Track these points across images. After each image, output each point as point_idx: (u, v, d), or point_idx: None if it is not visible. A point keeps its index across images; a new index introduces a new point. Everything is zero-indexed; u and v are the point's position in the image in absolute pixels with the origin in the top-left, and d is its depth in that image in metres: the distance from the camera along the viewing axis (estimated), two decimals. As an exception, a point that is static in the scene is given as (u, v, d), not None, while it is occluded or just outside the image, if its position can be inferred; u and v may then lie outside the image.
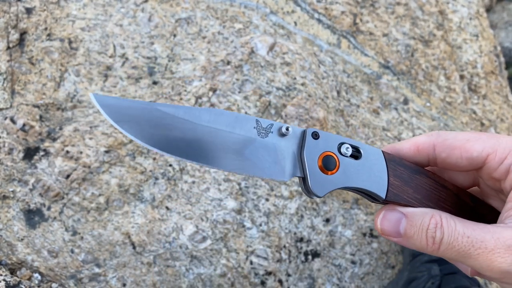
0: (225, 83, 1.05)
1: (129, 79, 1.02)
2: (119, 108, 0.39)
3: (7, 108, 0.95)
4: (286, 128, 0.42)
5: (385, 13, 1.31)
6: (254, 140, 0.42)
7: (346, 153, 0.43)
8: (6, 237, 0.89)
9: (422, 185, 0.45)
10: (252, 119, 0.42)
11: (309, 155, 0.42)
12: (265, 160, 0.42)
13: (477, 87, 1.36)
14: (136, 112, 0.39)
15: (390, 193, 0.44)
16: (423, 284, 0.94)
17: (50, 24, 1.04)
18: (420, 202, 0.45)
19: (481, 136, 0.44)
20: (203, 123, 0.41)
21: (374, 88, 1.22)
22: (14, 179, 0.91)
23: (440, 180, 0.46)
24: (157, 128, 0.39)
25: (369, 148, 0.45)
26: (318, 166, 0.42)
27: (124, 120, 0.39)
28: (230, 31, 1.12)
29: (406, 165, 0.45)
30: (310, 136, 0.43)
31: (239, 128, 0.42)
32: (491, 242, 0.38)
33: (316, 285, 1.00)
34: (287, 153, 0.42)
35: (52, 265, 0.89)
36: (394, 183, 0.44)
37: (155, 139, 0.39)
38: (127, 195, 0.95)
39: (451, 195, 0.46)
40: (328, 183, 0.42)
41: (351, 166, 0.43)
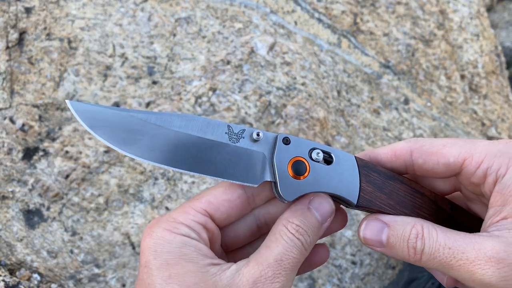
0: (225, 83, 1.05)
1: (128, 78, 1.02)
2: (94, 114, 0.41)
3: (6, 108, 0.95)
4: (257, 134, 0.43)
5: (386, 12, 1.31)
6: (226, 145, 0.42)
7: (317, 158, 0.43)
8: (5, 238, 0.88)
9: (396, 191, 0.45)
10: (224, 124, 0.43)
11: (280, 160, 0.42)
12: (236, 165, 0.42)
13: (478, 87, 1.35)
14: (109, 118, 0.41)
15: (361, 198, 0.44)
16: (423, 284, 0.94)
17: (49, 24, 1.03)
18: (394, 208, 0.44)
19: (457, 141, 0.44)
20: (175, 128, 0.42)
21: (375, 88, 1.21)
22: (13, 179, 0.91)
23: (416, 186, 0.46)
24: (130, 133, 0.41)
25: (341, 154, 0.45)
26: (288, 171, 0.42)
27: (98, 126, 0.40)
28: (230, 30, 1.11)
29: (380, 171, 0.45)
30: (281, 141, 0.43)
31: (210, 133, 0.42)
32: (472, 253, 0.37)
33: (316, 285, 0.99)
34: (258, 158, 0.43)
35: (51, 265, 0.89)
36: (366, 189, 0.44)
37: (127, 144, 0.40)
38: (127, 195, 0.95)
39: (428, 202, 0.46)
40: (298, 187, 0.42)
41: (322, 171, 0.43)
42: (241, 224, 0.47)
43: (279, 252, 0.39)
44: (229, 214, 0.44)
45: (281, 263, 0.39)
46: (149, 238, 0.40)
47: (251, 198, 0.45)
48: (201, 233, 0.41)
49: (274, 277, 0.38)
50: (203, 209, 0.42)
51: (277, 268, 0.39)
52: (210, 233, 0.43)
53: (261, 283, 0.38)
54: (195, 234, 0.41)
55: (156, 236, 0.40)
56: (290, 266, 0.40)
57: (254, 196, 0.45)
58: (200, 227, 0.41)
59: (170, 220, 0.41)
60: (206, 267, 0.39)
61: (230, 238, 0.47)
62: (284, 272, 0.39)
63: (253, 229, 0.47)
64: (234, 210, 0.44)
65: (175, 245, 0.39)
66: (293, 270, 0.40)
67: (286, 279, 0.39)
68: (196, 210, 0.42)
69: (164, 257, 0.39)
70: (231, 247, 0.48)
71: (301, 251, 0.41)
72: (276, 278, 0.38)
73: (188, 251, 0.39)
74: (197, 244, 0.40)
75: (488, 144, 0.42)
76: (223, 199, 0.43)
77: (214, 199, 0.43)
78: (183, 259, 0.38)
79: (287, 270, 0.39)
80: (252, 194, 0.45)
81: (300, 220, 0.41)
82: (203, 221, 0.42)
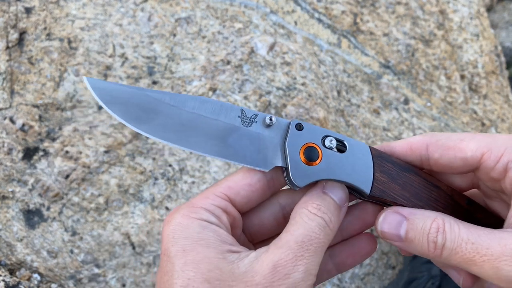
0: (225, 83, 1.05)
1: (128, 79, 1.02)
2: (109, 91, 0.41)
3: (6, 108, 0.95)
4: (269, 119, 0.43)
5: (386, 12, 1.31)
6: (238, 129, 0.42)
7: (330, 145, 0.43)
8: (6, 238, 0.88)
9: (411, 183, 0.44)
10: (237, 108, 0.43)
11: (292, 145, 0.42)
12: (247, 149, 0.42)
13: (477, 87, 1.35)
14: (125, 95, 0.41)
15: (375, 188, 0.43)
16: (423, 284, 0.94)
17: (49, 24, 1.03)
18: (408, 200, 0.43)
19: (475, 135, 0.42)
20: (188, 109, 0.42)
21: (375, 88, 1.21)
22: (14, 179, 0.91)
23: (432, 179, 0.45)
24: (144, 111, 0.41)
25: (355, 143, 0.44)
26: (300, 157, 0.42)
27: (113, 102, 0.41)
28: (230, 30, 1.11)
29: (395, 161, 0.44)
30: (294, 127, 0.43)
31: (223, 116, 0.42)
32: (497, 249, 0.36)
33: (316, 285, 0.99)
34: (271, 143, 0.43)
35: (51, 265, 0.89)
36: (380, 179, 0.43)
37: (141, 122, 0.41)
38: (127, 195, 0.95)
39: (444, 196, 0.45)
40: (309, 174, 0.42)
41: (335, 158, 0.43)
42: (266, 212, 0.45)
43: (300, 233, 0.38)
44: (250, 198, 0.43)
45: (303, 245, 0.37)
46: (167, 225, 0.39)
47: (271, 182, 0.44)
48: (221, 216, 0.40)
49: (296, 260, 0.36)
50: (223, 193, 0.42)
51: (299, 250, 0.37)
52: (231, 217, 0.42)
53: (281, 267, 0.36)
54: (214, 218, 0.40)
55: (175, 222, 0.39)
56: (314, 248, 0.38)
57: (273, 180, 0.44)
58: (220, 211, 0.40)
59: (189, 205, 0.40)
60: (224, 254, 0.37)
61: (255, 226, 0.45)
62: (307, 253, 0.37)
63: (279, 218, 0.46)
64: (255, 194, 0.43)
65: (193, 230, 0.38)
66: (317, 252, 0.38)
67: (309, 261, 0.37)
68: (215, 195, 0.41)
69: (181, 243, 0.37)
70: (257, 237, 0.46)
71: (325, 231, 0.39)
72: (298, 260, 0.36)
73: (206, 236, 0.38)
74: (217, 229, 0.39)
75: (508, 138, 0.41)
76: (243, 183, 0.42)
77: (234, 184, 0.42)
78: (200, 244, 0.37)
79: (310, 251, 0.37)
80: (272, 178, 0.44)
81: (320, 201, 0.41)
82: (223, 205, 0.41)
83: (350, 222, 0.46)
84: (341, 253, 0.47)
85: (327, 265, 0.47)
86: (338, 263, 0.47)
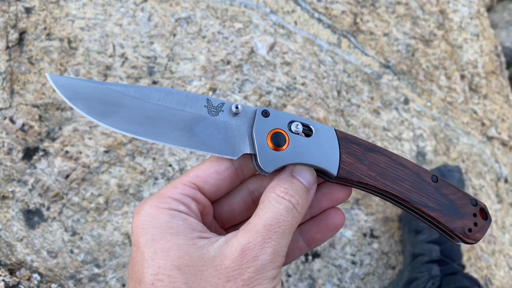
0: (225, 83, 1.05)
1: (128, 78, 1.02)
2: (73, 86, 0.42)
3: (7, 108, 0.95)
4: (235, 107, 0.43)
5: (386, 12, 1.31)
6: (204, 118, 0.43)
7: (296, 130, 0.44)
8: (6, 238, 0.88)
9: (377, 162, 0.45)
10: (203, 98, 0.43)
11: (259, 132, 0.43)
12: (215, 138, 0.43)
13: (477, 87, 1.35)
14: (88, 90, 0.42)
15: (342, 170, 0.44)
16: (424, 284, 0.94)
17: (49, 24, 1.03)
18: (375, 179, 0.45)
19: None
20: (153, 101, 0.42)
21: (375, 88, 1.21)
22: (14, 179, 0.91)
23: (397, 158, 0.46)
24: (108, 105, 0.41)
25: (320, 126, 0.45)
26: (267, 143, 0.43)
27: (76, 97, 0.41)
28: (230, 30, 1.11)
29: (360, 142, 0.45)
30: (260, 114, 0.43)
31: (189, 107, 0.43)
32: None
33: (316, 285, 0.99)
34: (238, 131, 0.43)
35: (51, 265, 0.89)
36: (347, 160, 0.44)
37: (105, 116, 0.41)
38: (127, 195, 0.95)
39: (410, 174, 0.46)
40: (277, 159, 0.42)
41: (302, 143, 0.43)
42: (236, 197, 0.46)
43: (268, 217, 0.39)
44: (219, 186, 0.44)
45: (271, 228, 0.38)
46: (137, 217, 0.40)
47: (239, 170, 0.45)
48: (190, 205, 0.41)
49: (263, 242, 0.37)
50: (191, 182, 0.42)
51: (267, 233, 0.38)
52: (201, 205, 0.42)
53: (249, 250, 0.37)
54: (183, 207, 0.40)
55: (144, 213, 0.39)
56: (281, 230, 0.38)
57: (242, 167, 0.45)
58: (188, 199, 0.41)
59: (158, 196, 0.41)
60: (194, 240, 0.38)
61: (226, 212, 0.46)
62: (275, 236, 0.38)
63: (248, 202, 0.47)
64: (223, 181, 0.44)
65: (162, 220, 0.38)
66: (285, 234, 0.39)
67: (277, 243, 0.38)
68: (184, 184, 0.42)
69: (151, 233, 0.38)
70: (229, 222, 0.47)
71: (293, 214, 0.40)
72: (266, 243, 0.37)
73: (175, 224, 0.38)
74: (186, 217, 0.39)
75: None
76: (211, 171, 0.43)
77: (202, 172, 0.43)
78: (169, 233, 0.38)
79: (278, 234, 0.38)
80: (240, 166, 0.45)
81: (288, 184, 0.41)
82: (192, 193, 0.42)
83: (318, 199, 0.47)
84: (311, 229, 0.48)
85: (298, 243, 0.48)
86: (308, 239, 0.48)
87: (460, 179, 1.12)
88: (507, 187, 1.29)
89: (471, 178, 1.21)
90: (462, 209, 0.45)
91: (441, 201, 0.45)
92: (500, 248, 1.18)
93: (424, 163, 1.17)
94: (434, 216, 0.45)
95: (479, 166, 1.24)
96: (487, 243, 1.16)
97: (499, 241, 1.18)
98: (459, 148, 1.23)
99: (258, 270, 0.36)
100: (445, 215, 0.45)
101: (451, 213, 0.45)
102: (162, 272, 0.36)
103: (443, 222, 0.45)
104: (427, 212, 0.45)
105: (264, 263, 0.37)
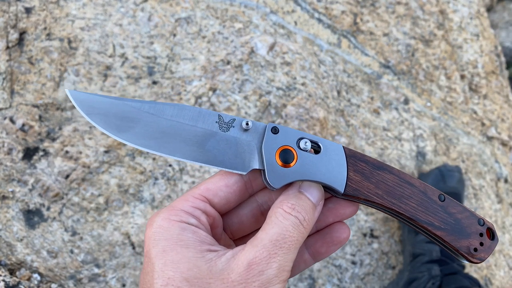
0: (225, 83, 1.05)
1: (128, 78, 1.02)
2: (91, 102, 0.43)
3: (7, 108, 0.95)
4: (246, 123, 0.44)
5: (386, 12, 1.31)
6: (216, 134, 0.44)
7: (305, 147, 0.44)
8: (6, 238, 0.88)
9: (385, 181, 0.46)
10: (215, 114, 0.45)
11: (268, 149, 0.44)
12: (226, 153, 0.44)
13: (477, 87, 1.35)
14: (105, 105, 0.43)
15: (349, 187, 0.45)
16: (424, 284, 0.94)
17: (49, 24, 1.03)
18: (381, 198, 0.45)
19: None
20: (167, 117, 0.44)
21: (375, 88, 1.21)
22: (14, 179, 0.91)
23: (405, 176, 0.46)
24: (124, 120, 0.43)
25: (329, 144, 0.46)
26: (276, 159, 0.44)
27: (94, 113, 0.43)
28: (230, 30, 1.11)
29: (368, 160, 0.46)
30: (270, 131, 0.45)
31: (201, 122, 0.44)
32: None
33: (316, 285, 0.99)
34: (248, 147, 0.45)
35: (51, 265, 0.89)
36: (354, 178, 0.45)
37: (121, 131, 0.43)
38: (127, 195, 0.95)
39: (417, 192, 0.46)
40: (285, 175, 0.43)
41: (310, 160, 0.44)
42: (245, 210, 0.47)
43: (274, 232, 0.39)
44: (228, 199, 0.45)
45: (277, 243, 0.39)
46: (149, 228, 0.41)
47: (248, 183, 0.46)
48: (201, 218, 0.42)
49: (269, 258, 0.38)
50: (202, 195, 0.43)
51: (273, 248, 0.38)
52: (211, 218, 0.43)
53: (255, 264, 0.37)
54: (194, 220, 0.41)
55: (156, 225, 0.40)
56: (287, 246, 0.39)
57: (251, 181, 0.46)
58: (199, 212, 0.42)
59: (169, 208, 0.42)
60: (203, 253, 0.39)
61: (235, 224, 0.47)
62: (281, 251, 0.38)
63: (257, 215, 0.48)
64: (233, 195, 0.45)
65: (173, 232, 0.39)
66: (291, 249, 0.40)
67: (283, 259, 0.38)
68: (194, 197, 0.43)
69: (162, 244, 0.39)
70: (238, 233, 0.48)
71: (299, 230, 0.41)
72: (272, 258, 0.38)
73: (186, 237, 0.39)
74: (196, 230, 0.40)
75: None
76: (221, 185, 0.44)
77: (212, 185, 0.44)
78: (180, 245, 0.39)
79: (284, 249, 0.39)
80: (249, 179, 0.46)
81: (295, 200, 0.42)
82: (202, 206, 0.43)
83: (325, 214, 0.48)
84: (316, 243, 0.48)
85: (303, 256, 0.48)
86: (313, 252, 0.49)
87: (460, 179, 1.12)
88: (507, 187, 1.29)
89: (471, 178, 1.21)
90: (469, 229, 0.46)
91: (447, 220, 0.45)
92: (500, 248, 1.18)
93: (424, 163, 1.17)
94: (440, 235, 0.45)
95: (479, 166, 1.24)
96: (487, 243, 1.16)
97: (499, 241, 1.19)
98: (459, 148, 1.23)
99: (263, 284, 0.37)
100: (451, 234, 0.45)
101: (456, 232, 0.45)
102: (172, 284, 0.37)
103: (448, 241, 0.45)
104: (432, 230, 0.45)
105: (270, 278, 0.38)
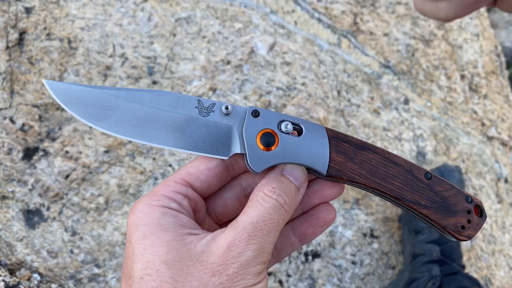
0: (225, 83, 1.05)
1: (128, 78, 1.02)
2: (67, 91, 0.43)
3: (7, 108, 0.95)
4: (225, 107, 0.44)
5: (386, 12, 1.31)
6: (195, 119, 0.44)
7: (286, 130, 0.44)
8: (6, 238, 0.88)
9: (368, 161, 0.45)
10: (194, 99, 0.44)
11: (248, 132, 0.43)
12: (206, 139, 0.44)
13: (478, 87, 1.35)
14: (82, 94, 0.43)
15: (331, 168, 0.44)
16: (424, 284, 0.94)
17: (49, 24, 1.03)
18: (365, 178, 0.45)
19: None
20: (145, 104, 0.43)
21: (375, 88, 1.21)
22: (14, 179, 0.91)
23: (390, 155, 0.46)
24: (102, 108, 0.43)
25: (311, 125, 0.45)
26: (257, 143, 0.43)
27: (71, 102, 0.43)
28: (230, 30, 1.11)
29: (352, 141, 0.46)
30: (250, 114, 0.44)
31: (180, 108, 0.44)
32: None
33: (316, 285, 0.99)
34: (228, 131, 0.44)
35: (51, 265, 0.89)
36: (336, 159, 0.44)
37: (99, 120, 0.42)
38: (127, 195, 0.95)
39: (402, 171, 0.46)
40: (267, 159, 0.43)
41: (292, 142, 0.44)
42: (229, 193, 0.47)
43: (255, 215, 0.40)
44: (210, 183, 0.45)
45: (257, 225, 0.39)
46: (131, 214, 0.41)
47: (230, 166, 0.46)
48: (182, 202, 0.42)
49: (249, 239, 0.38)
50: (183, 180, 0.43)
51: (252, 230, 0.39)
52: (193, 202, 0.43)
53: (235, 246, 0.38)
54: (175, 204, 0.41)
55: (137, 211, 0.40)
56: (268, 228, 0.39)
57: (233, 164, 0.46)
58: (180, 196, 0.42)
59: (151, 194, 0.42)
60: (183, 236, 0.39)
61: (220, 208, 0.47)
62: (260, 233, 0.39)
63: (241, 198, 0.48)
64: (214, 178, 0.45)
65: (154, 217, 0.40)
66: (271, 232, 0.40)
67: (263, 240, 0.39)
68: (176, 182, 0.43)
69: (142, 229, 0.39)
70: (223, 218, 0.48)
71: (280, 212, 0.41)
72: (251, 240, 0.38)
73: (166, 221, 0.40)
74: (177, 214, 0.41)
75: None
76: (202, 168, 0.44)
77: (194, 169, 0.44)
78: (160, 229, 0.39)
79: (263, 231, 0.39)
80: (231, 163, 0.46)
81: (276, 183, 0.42)
82: (184, 190, 0.43)
83: (309, 196, 0.48)
84: (302, 225, 0.48)
85: (290, 239, 0.48)
86: (299, 234, 0.49)
87: (460, 179, 1.12)
88: (507, 187, 1.29)
89: (471, 178, 1.21)
90: (456, 206, 0.45)
91: (434, 199, 0.45)
92: (500, 248, 1.18)
93: (424, 163, 1.17)
94: (426, 213, 0.45)
95: (479, 166, 1.24)
96: (487, 243, 1.16)
97: (499, 241, 1.18)
98: (459, 148, 1.23)
99: (242, 265, 0.38)
100: (437, 212, 0.45)
101: (443, 210, 0.45)
102: (151, 267, 0.37)
103: (435, 220, 0.45)
104: (418, 209, 0.45)
105: (249, 259, 0.38)
